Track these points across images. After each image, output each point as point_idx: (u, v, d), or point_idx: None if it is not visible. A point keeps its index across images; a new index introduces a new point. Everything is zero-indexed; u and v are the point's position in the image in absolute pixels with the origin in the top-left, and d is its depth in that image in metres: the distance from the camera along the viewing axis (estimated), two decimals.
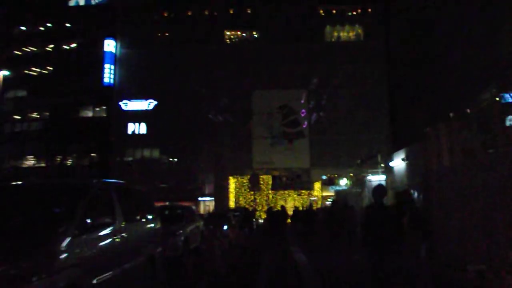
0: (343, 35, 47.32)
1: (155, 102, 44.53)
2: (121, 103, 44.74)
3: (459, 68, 27.18)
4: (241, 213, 22.82)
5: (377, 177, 19.36)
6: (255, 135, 44.16)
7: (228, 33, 47.60)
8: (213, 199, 43.49)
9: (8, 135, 44.95)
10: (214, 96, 43.35)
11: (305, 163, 43.85)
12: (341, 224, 10.77)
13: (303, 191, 42.25)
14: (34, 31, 47.57)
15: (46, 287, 3.43)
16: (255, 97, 44.29)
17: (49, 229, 3.97)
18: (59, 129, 43.12)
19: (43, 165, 44.87)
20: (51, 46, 46.87)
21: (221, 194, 42.27)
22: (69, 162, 45.38)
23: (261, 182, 41.19)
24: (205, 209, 42.08)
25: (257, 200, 40.91)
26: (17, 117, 46.31)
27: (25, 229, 4.05)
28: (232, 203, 41.28)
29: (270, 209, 17.10)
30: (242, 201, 41.13)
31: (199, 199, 43.41)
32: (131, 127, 44.71)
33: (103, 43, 45.05)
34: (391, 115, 41.82)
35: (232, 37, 47.90)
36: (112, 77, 45.28)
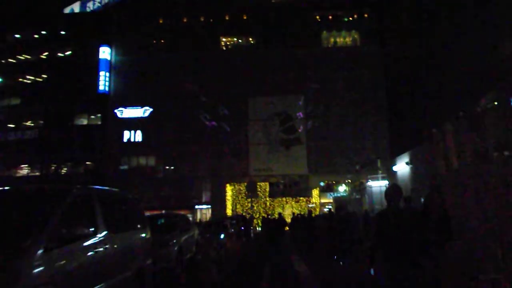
0: (339, 40, 47.12)
1: (151, 109, 44.07)
2: (116, 111, 44.23)
3: (459, 71, 26.93)
4: (238, 221, 22.33)
5: (377, 183, 18.94)
6: (252, 141, 43.68)
7: (224, 40, 47.33)
8: (210, 207, 42.89)
9: (1, 144, 44.26)
10: (210, 103, 42.93)
11: (302, 170, 43.34)
12: (343, 233, 10.23)
13: (301, 198, 41.75)
14: (28, 39, 47.12)
15: None
16: (251, 103, 43.87)
17: (13, 243, 3.44)
18: (54, 138, 42.52)
19: (38, 174, 44.21)
20: (46, 53, 46.41)
21: (218, 202, 41.67)
22: (64, 170, 44.73)
23: (258, 189, 40.80)
24: (202, 217, 41.47)
25: (255, 207, 40.43)
26: (11, 126, 45.68)
27: None
28: (229, 211, 40.69)
29: (265, 219, 16.85)
30: (239, 209, 40.61)
31: (196, 207, 42.80)
32: (127, 135, 44.16)
33: (98, 50, 44.65)
34: (389, 120, 41.43)
35: (228, 43, 47.62)
36: (107, 84, 44.84)
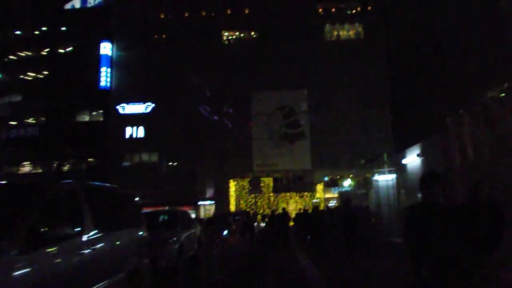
0: (343, 33, 46.46)
1: (153, 104, 43.66)
2: (118, 107, 43.85)
3: (464, 63, 26.38)
4: (242, 217, 21.91)
5: (384, 177, 18.48)
6: (255, 136, 43.18)
7: (226, 34, 46.75)
8: (213, 203, 42.55)
9: (3, 141, 44.07)
10: (212, 97, 42.43)
11: (306, 165, 42.82)
12: (354, 228, 9.63)
13: (305, 193, 41.32)
14: (29, 35, 46.78)
15: None
16: (254, 98, 43.34)
17: None
18: (56, 134, 42.25)
19: (40, 171, 44.02)
20: (47, 49, 46.06)
21: (221, 197, 41.30)
22: (66, 167, 44.50)
23: (262, 184, 40.45)
24: (206, 213, 41.14)
25: (258, 203, 40.06)
26: (13, 123, 45.45)
27: None
28: (232, 207, 40.34)
29: (269, 216, 16.80)
30: (243, 205, 40.22)
31: (199, 203, 42.47)
32: (129, 131, 43.79)
33: (99, 46, 44.27)
34: (394, 112, 40.84)
35: (230, 37, 47.04)
36: (108, 80, 44.47)
